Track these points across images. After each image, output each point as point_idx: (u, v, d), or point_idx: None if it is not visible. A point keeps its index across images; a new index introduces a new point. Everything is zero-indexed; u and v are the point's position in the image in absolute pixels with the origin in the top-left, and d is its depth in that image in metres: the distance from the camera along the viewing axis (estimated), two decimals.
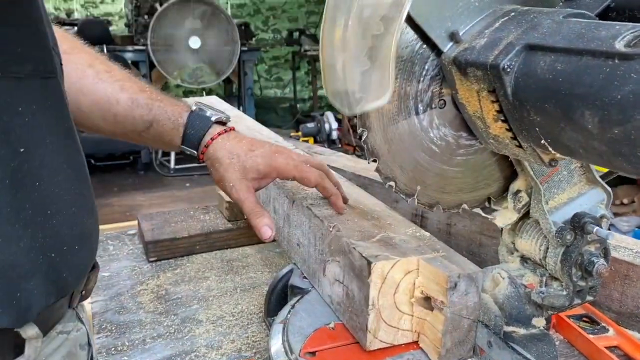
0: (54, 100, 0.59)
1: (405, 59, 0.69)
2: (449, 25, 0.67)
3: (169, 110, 0.89)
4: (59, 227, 0.58)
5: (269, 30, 7.55)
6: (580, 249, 0.76)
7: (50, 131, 0.58)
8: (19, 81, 0.54)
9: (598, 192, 0.80)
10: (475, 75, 0.64)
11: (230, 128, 0.92)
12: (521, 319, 0.81)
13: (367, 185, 1.37)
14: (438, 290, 0.71)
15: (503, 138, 0.67)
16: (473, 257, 1.20)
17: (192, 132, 0.89)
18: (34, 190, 0.55)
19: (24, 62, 0.55)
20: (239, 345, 1.00)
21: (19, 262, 0.54)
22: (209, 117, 0.90)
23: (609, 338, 0.92)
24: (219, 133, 0.89)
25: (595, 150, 0.54)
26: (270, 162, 0.87)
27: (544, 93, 0.56)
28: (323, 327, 0.81)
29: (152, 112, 0.88)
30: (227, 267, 1.33)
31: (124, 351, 0.99)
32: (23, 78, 0.55)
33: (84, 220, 0.63)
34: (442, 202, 0.79)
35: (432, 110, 0.72)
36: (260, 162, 0.87)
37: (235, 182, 0.86)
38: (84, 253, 0.63)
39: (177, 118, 0.89)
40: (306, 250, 0.94)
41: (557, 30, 0.58)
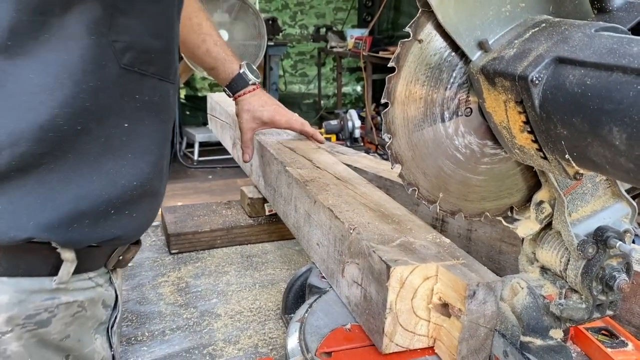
0: (159, 98, 0.79)
1: (433, 66, 0.69)
2: (479, 33, 0.67)
3: (227, 65, 1.34)
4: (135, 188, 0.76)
5: (296, 25, 7.55)
6: (602, 263, 0.75)
7: (151, 120, 0.77)
8: (142, 77, 0.74)
9: (623, 206, 0.79)
10: (503, 85, 0.64)
11: (257, 86, 1.37)
12: (538, 329, 0.80)
13: (388, 187, 1.37)
14: (456, 297, 0.72)
15: (528, 149, 0.67)
16: (492, 264, 1.19)
17: (234, 85, 1.35)
18: (133, 152, 0.76)
19: (150, 64, 0.75)
20: (255, 340, 1.02)
21: (110, 197, 0.73)
22: (248, 80, 1.35)
23: (627, 352, 0.91)
24: (248, 91, 1.35)
25: (622, 167, 0.54)
26: (271, 116, 1.35)
27: (572, 107, 0.56)
28: (340, 328, 0.82)
29: (217, 62, 1.33)
30: (246, 263, 1.34)
31: (143, 341, 1.01)
32: (146, 75, 0.75)
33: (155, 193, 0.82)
34: (464, 209, 0.79)
35: (458, 117, 0.72)
36: (265, 114, 1.35)
37: (244, 122, 1.36)
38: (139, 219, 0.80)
39: (229, 73, 1.35)
40: (325, 251, 0.95)
41: (588, 44, 0.57)
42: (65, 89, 0.67)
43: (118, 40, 0.70)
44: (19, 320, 0.69)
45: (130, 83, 0.73)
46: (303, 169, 1.15)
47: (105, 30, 0.68)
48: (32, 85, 0.65)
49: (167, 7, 0.76)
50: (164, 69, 0.78)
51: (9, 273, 0.69)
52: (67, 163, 0.69)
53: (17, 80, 0.65)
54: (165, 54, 0.78)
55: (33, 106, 0.65)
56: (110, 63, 0.70)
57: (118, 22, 0.69)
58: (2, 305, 0.68)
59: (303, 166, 1.18)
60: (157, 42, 0.75)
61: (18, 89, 0.65)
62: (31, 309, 0.70)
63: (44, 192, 0.68)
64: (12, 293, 0.69)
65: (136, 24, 0.71)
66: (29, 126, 0.65)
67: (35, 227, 0.67)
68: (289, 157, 1.24)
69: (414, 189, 0.75)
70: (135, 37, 0.72)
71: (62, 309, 0.73)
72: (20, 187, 0.67)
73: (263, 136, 1.42)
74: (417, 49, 0.68)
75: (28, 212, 0.67)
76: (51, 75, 0.66)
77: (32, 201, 0.67)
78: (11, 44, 0.64)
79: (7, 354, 0.69)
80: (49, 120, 0.66)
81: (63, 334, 0.74)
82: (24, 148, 0.65)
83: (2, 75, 0.64)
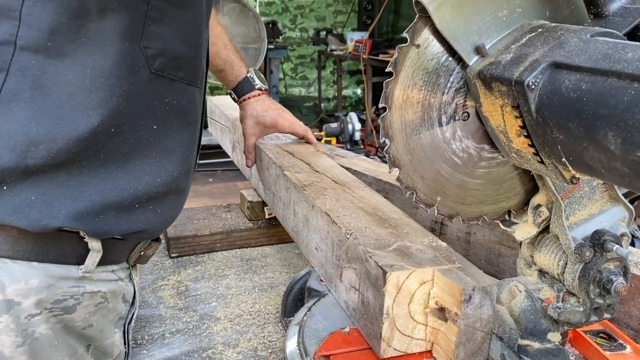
0: (187, 102, 0.83)
1: (431, 71, 0.69)
2: (476, 38, 0.68)
3: (235, 69, 1.38)
4: (160, 185, 0.79)
5: (296, 28, 7.57)
6: (599, 266, 0.75)
7: (178, 122, 0.81)
8: (172, 82, 0.79)
9: (620, 209, 0.80)
10: (499, 90, 0.64)
11: (263, 92, 1.40)
12: (536, 333, 0.81)
13: (387, 190, 1.37)
14: (452, 302, 0.72)
15: (525, 153, 0.67)
16: (491, 267, 1.19)
17: (240, 89, 1.39)
18: (159, 151, 0.79)
19: (179, 70, 0.79)
20: (255, 344, 1.02)
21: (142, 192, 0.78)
22: (254, 85, 1.39)
23: (625, 355, 0.91)
24: (253, 95, 1.38)
25: (617, 171, 0.54)
26: (273, 120, 1.37)
27: (567, 112, 0.57)
28: (338, 331, 0.82)
29: (225, 64, 1.36)
30: (246, 266, 1.35)
31: (143, 345, 1.02)
32: (175, 80, 0.79)
33: (180, 191, 0.85)
34: (462, 213, 0.80)
35: (455, 122, 0.73)
36: (267, 119, 1.37)
37: (248, 128, 1.38)
38: (164, 215, 0.83)
39: (236, 76, 1.38)
40: (324, 255, 0.95)
41: (583, 50, 0.58)
42: (100, 92, 0.70)
43: (150, 46, 0.74)
44: (47, 305, 0.73)
45: (160, 87, 0.77)
46: (301, 173, 1.15)
47: (138, 37, 0.72)
48: (70, 86, 0.69)
49: (197, 16, 0.80)
50: (192, 74, 0.82)
51: (40, 259, 0.72)
52: (97, 160, 0.73)
53: (56, 80, 0.68)
54: (193, 59, 0.81)
55: (71, 106, 0.69)
56: (142, 68, 0.74)
57: (150, 29, 0.73)
58: (32, 288, 0.71)
59: (301, 170, 1.18)
60: (186, 48, 0.79)
61: (57, 89, 0.68)
62: (59, 294, 0.74)
63: (74, 184, 0.72)
64: (42, 277, 0.72)
65: (167, 31, 0.75)
66: (66, 125, 0.69)
67: (66, 217, 0.71)
68: (287, 161, 1.25)
69: (411, 192, 0.75)
70: (166, 44, 0.76)
71: (86, 298, 0.77)
72: (52, 179, 0.70)
73: (261, 140, 1.42)
74: (415, 54, 0.68)
75: (59, 202, 0.71)
76: (88, 78, 0.69)
77: (63, 193, 0.71)
78: (51, 45, 0.67)
79: (35, 335, 0.72)
80: (85, 121, 0.70)
81: (86, 323, 0.77)
82: (60, 145, 0.69)
83: (42, 74, 0.68)
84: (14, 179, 0.68)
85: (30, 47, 0.67)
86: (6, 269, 0.70)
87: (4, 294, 0.70)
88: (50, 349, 0.73)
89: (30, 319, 0.71)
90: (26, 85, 0.67)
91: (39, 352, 0.72)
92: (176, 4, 0.76)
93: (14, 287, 0.70)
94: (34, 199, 0.69)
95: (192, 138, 0.86)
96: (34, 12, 0.66)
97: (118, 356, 0.84)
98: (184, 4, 0.77)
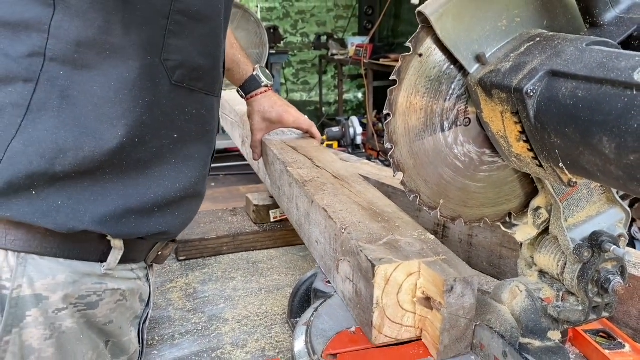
0: (205, 111, 0.86)
1: (433, 79, 0.72)
2: (476, 47, 0.70)
3: (242, 67, 1.41)
4: (178, 190, 0.82)
5: (297, 34, 7.60)
6: (597, 266, 0.78)
7: (197, 130, 0.85)
8: (191, 92, 0.82)
9: (617, 211, 0.82)
10: (499, 97, 0.67)
11: (269, 88, 1.43)
12: (537, 331, 0.83)
13: (390, 194, 1.40)
14: (436, 292, 0.76)
15: (525, 157, 0.70)
16: (493, 268, 1.22)
17: (247, 86, 1.42)
18: (178, 159, 0.82)
19: (198, 81, 0.82)
20: (263, 344, 1.04)
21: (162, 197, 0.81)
22: (260, 83, 1.41)
23: (624, 354, 0.93)
24: (260, 92, 1.41)
25: (612, 174, 0.57)
26: (279, 115, 1.41)
27: (564, 118, 0.59)
28: (345, 331, 0.85)
29: (233, 63, 1.39)
30: (252, 269, 1.37)
31: (154, 345, 1.04)
32: (194, 91, 0.82)
33: (197, 195, 0.89)
34: (464, 215, 0.82)
35: (457, 127, 0.75)
36: (274, 115, 1.40)
37: (255, 124, 1.42)
38: (181, 217, 0.86)
39: (243, 75, 1.41)
40: (323, 248, 0.99)
41: (579, 58, 0.61)
42: (124, 104, 0.73)
43: (169, 59, 0.77)
44: (72, 300, 0.76)
45: (180, 98, 0.80)
46: (303, 169, 1.19)
47: (158, 50, 0.75)
48: (95, 97, 0.72)
49: (215, 29, 0.83)
50: (210, 85, 0.85)
51: (66, 255, 0.75)
52: (120, 167, 0.76)
53: (83, 91, 0.71)
54: (211, 70, 0.84)
55: (96, 116, 0.72)
56: (163, 80, 0.77)
57: (170, 42, 0.76)
58: (59, 283, 0.74)
59: (303, 165, 1.22)
60: (205, 60, 0.82)
61: (83, 99, 0.71)
62: (83, 290, 0.77)
63: (97, 190, 0.75)
64: (68, 273, 0.75)
65: (186, 44, 0.78)
66: (92, 134, 0.72)
67: (90, 221, 0.74)
68: (291, 156, 1.29)
69: (415, 195, 0.78)
70: (186, 56, 0.78)
71: (108, 295, 0.80)
72: (78, 184, 0.73)
73: (268, 136, 1.46)
74: (417, 62, 0.71)
75: (84, 207, 0.74)
76: (112, 90, 0.72)
77: (88, 198, 0.74)
78: (77, 57, 0.71)
79: (62, 329, 0.75)
80: (111, 131, 0.73)
81: (107, 319, 0.81)
82: (86, 153, 0.72)
83: (70, 84, 0.71)
84: (42, 184, 0.71)
85: (58, 59, 0.70)
86: (35, 265, 0.73)
87: (32, 288, 0.73)
88: (76, 342, 0.76)
89: (57, 313, 0.74)
90: (55, 95, 0.70)
91: (65, 345, 0.75)
92: (195, 17, 0.78)
93: (42, 282, 0.73)
94: (60, 203, 0.72)
95: (210, 145, 0.90)
96: (62, 26, 0.69)
97: (134, 354, 0.86)
98: (203, 18, 0.80)
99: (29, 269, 0.73)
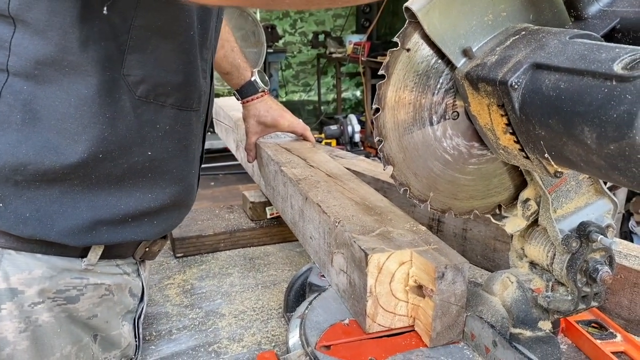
0: (181, 126, 0.85)
1: (421, 73, 0.73)
2: (463, 42, 0.71)
3: (241, 72, 1.43)
4: (152, 201, 0.83)
5: (296, 33, 7.61)
6: (585, 257, 0.79)
7: (174, 146, 0.84)
8: (162, 107, 0.81)
9: (605, 202, 0.83)
10: (485, 90, 0.68)
11: (266, 93, 1.46)
12: (528, 321, 0.84)
13: (386, 189, 1.41)
14: (428, 279, 0.78)
15: (512, 149, 0.71)
16: (487, 261, 1.23)
17: (244, 91, 1.44)
18: (155, 174, 0.83)
19: (167, 96, 0.81)
20: (259, 338, 1.06)
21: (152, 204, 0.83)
22: (257, 88, 1.44)
23: (616, 344, 0.95)
24: (257, 97, 1.43)
25: (594, 164, 0.58)
26: (274, 119, 1.43)
27: (548, 109, 0.60)
28: (338, 323, 0.86)
29: (232, 67, 1.41)
30: (249, 265, 1.38)
31: (151, 341, 1.05)
32: (164, 106, 0.81)
33: (179, 205, 0.89)
34: (454, 208, 0.84)
35: (445, 121, 0.76)
36: (269, 119, 1.43)
37: (250, 127, 1.45)
38: (160, 225, 0.86)
39: (242, 79, 1.43)
40: (317, 243, 1.01)
41: (562, 51, 0.62)
42: (84, 119, 0.74)
43: (130, 74, 0.77)
44: (49, 294, 0.77)
45: (149, 114, 0.80)
46: (297, 168, 1.21)
47: (118, 66, 0.76)
48: (57, 112, 0.73)
49: (184, 44, 0.82)
50: (184, 100, 0.84)
51: (43, 252, 0.77)
52: (89, 181, 0.77)
53: (45, 105, 0.72)
54: (183, 86, 0.83)
55: (58, 131, 0.73)
56: (124, 95, 0.77)
57: (131, 57, 0.76)
58: (35, 278, 0.76)
59: (297, 165, 1.24)
60: (173, 76, 0.81)
61: (46, 114, 0.72)
62: (61, 284, 0.78)
63: (67, 201, 0.76)
64: (44, 268, 0.77)
65: (149, 59, 0.78)
66: (54, 149, 0.73)
67: (58, 234, 0.76)
68: (285, 157, 1.30)
69: (405, 189, 0.79)
70: (149, 72, 0.78)
71: (90, 289, 0.82)
72: (46, 196, 0.75)
73: (262, 139, 1.47)
74: (405, 57, 0.72)
75: (52, 220, 0.75)
76: (72, 106, 0.73)
77: (56, 210, 0.76)
78: (38, 73, 0.72)
79: (38, 322, 0.77)
80: (73, 147, 0.74)
81: (90, 313, 0.82)
82: (47, 167, 0.73)
83: (33, 99, 0.72)
84: (8, 196, 0.73)
85: (21, 74, 0.71)
86: (11, 260, 0.75)
87: (7, 282, 0.75)
88: (53, 335, 0.78)
89: (33, 306, 0.76)
90: (17, 109, 0.72)
91: (41, 338, 0.77)
92: (159, 33, 0.78)
93: (18, 277, 0.75)
94: (28, 215, 0.74)
95: (190, 158, 0.89)
96: (22, 44, 0.71)
97: (127, 348, 0.88)
98: (168, 34, 0.79)
99: (4, 264, 0.75)
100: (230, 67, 1.40)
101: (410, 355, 0.79)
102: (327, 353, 0.79)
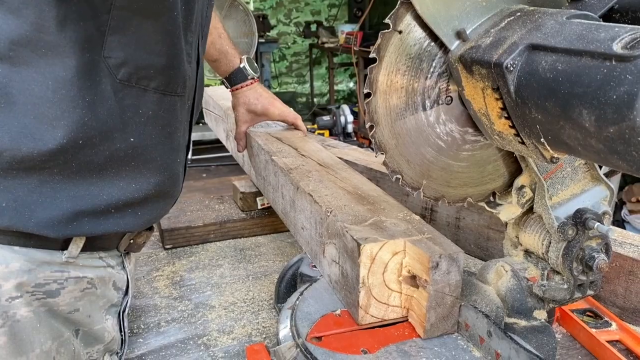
0: (165, 112, 0.81)
1: (414, 56, 0.71)
2: (456, 23, 0.69)
3: (229, 59, 1.38)
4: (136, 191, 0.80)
5: (291, 23, 7.54)
6: (581, 244, 0.78)
7: (158, 133, 0.81)
8: (144, 92, 0.77)
9: (601, 189, 0.82)
10: (480, 73, 0.66)
11: (255, 80, 1.41)
12: (523, 311, 0.83)
13: (378, 179, 1.39)
14: (422, 269, 0.76)
15: (507, 135, 0.69)
16: (481, 250, 1.22)
17: (233, 78, 1.39)
18: (138, 162, 0.79)
19: (150, 80, 0.77)
20: (249, 330, 1.04)
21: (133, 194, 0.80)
22: (246, 75, 1.39)
23: (611, 332, 0.94)
24: (246, 84, 1.39)
25: (592, 148, 0.56)
26: (264, 108, 1.40)
27: (544, 92, 0.58)
28: (329, 314, 0.84)
29: (220, 54, 1.37)
30: (240, 256, 1.36)
31: (139, 334, 1.03)
32: (147, 90, 0.78)
33: (163, 195, 0.86)
34: (447, 195, 0.82)
35: (439, 106, 0.74)
36: (259, 107, 1.40)
37: (240, 115, 1.41)
38: (145, 216, 0.83)
39: (230, 66, 1.39)
40: (309, 234, 0.99)
41: (559, 31, 0.60)
42: (63, 104, 0.70)
43: (111, 56, 0.73)
44: (28, 288, 0.74)
45: (131, 98, 0.76)
46: (288, 158, 1.19)
47: (98, 48, 0.72)
48: (34, 96, 0.69)
49: (167, 25, 0.78)
50: (168, 84, 0.80)
51: (21, 244, 0.73)
52: (69, 169, 0.73)
53: (22, 89, 0.69)
54: (167, 69, 0.79)
55: (35, 116, 0.69)
56: (105, 79, 0.73)
57: (112, 39, 0.72)
58: (12, 271, 0.73)
59: (288, 155, 1.21)
60: (155, 58, 0.77)
61: (22, 98, 0.69)
62: (41, 278, 0.75)
63: (46, 191, 0.72)
64: (22, 262, 0.73)
65: (131, 41, 0.74)
66: (31, 135, 0.69)
67: (36, 225, 0.72)
68: (276, 147, 1.27)
69: (398, 176, 0.77)
70: (130, 54, 0.74)
71: (71, 283, 0.78)
72: (24, 186, 0.71)
73: (252, 128, 1.44)
74: (397, 39, 0.70)
75: (30, 210, 0.72)
76: (50, 89, 0.69)
77: (35, 200, 0.72)
78: (13, 55, 0.68)
79: (16, 317, 0.73)
80: (51, 132, 0.70)
81: (72, 307, 0.79)
82: (24, 153, 0.69)
83: (9, 82, 0.68)
84: None
85: None
86: None
87: None
88: (32, 331, 0.75)
89: (10, 301, 0.73)
90: None
91: (19, 334, 0.74)
92: (141, 13, 0.74)
93: None
94: (4, 205, 0.70)
95: (175, 146, 0.86)
96: None
97: (111, 342, 0.85)
98: (151, 14, 0.75)
99: None
100: (218, 54, 1.36)
101: (404, 346, 0.77)
102: (318, 344, 0.78)
